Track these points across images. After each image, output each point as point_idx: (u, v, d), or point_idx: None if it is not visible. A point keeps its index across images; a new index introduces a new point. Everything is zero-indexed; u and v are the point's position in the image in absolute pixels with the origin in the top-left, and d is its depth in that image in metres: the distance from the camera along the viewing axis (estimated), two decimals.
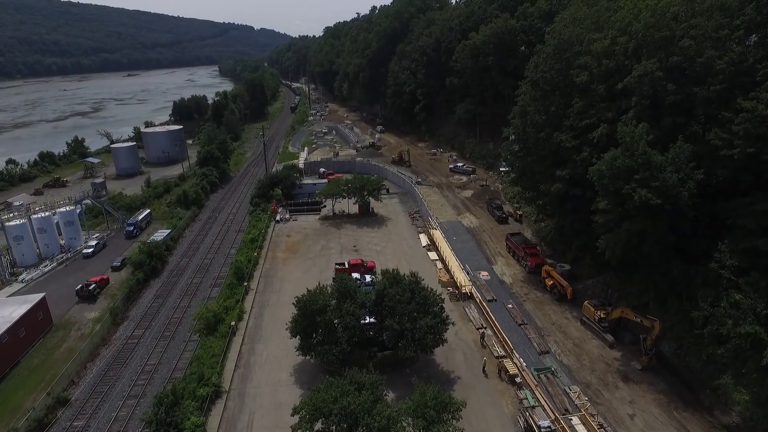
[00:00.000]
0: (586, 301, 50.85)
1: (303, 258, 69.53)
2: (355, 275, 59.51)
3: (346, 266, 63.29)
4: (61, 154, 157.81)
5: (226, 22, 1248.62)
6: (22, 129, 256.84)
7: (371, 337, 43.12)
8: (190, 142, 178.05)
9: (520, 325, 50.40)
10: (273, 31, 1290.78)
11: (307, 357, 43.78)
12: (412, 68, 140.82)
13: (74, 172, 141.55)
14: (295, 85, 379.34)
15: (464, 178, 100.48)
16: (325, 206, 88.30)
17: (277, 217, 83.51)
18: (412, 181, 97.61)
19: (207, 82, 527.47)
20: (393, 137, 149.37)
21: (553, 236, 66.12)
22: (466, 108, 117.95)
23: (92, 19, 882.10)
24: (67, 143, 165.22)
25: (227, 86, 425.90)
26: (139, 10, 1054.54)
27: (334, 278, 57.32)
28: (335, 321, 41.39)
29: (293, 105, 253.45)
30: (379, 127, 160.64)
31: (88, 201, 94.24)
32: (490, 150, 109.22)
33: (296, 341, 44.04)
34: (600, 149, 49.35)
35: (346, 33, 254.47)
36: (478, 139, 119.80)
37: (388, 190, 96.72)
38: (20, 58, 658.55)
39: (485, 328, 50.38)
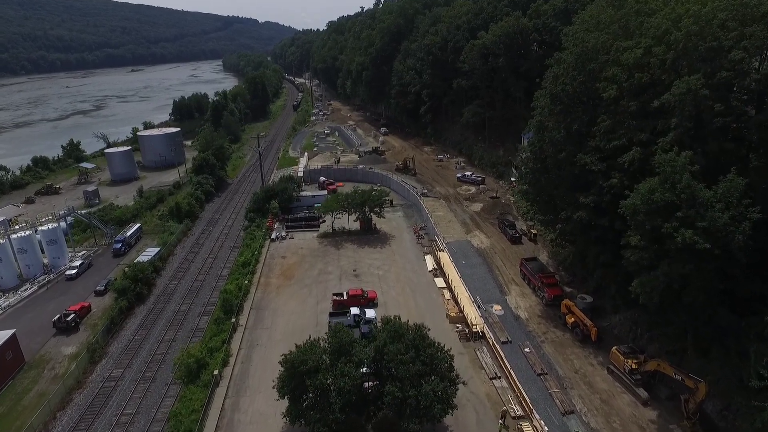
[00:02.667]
0: (614, 348, 44.85)
1: (298, 285, 63.93)
2: (354, 310, 53.97)
3: (345, 297, 57.68)
4: (56, 158, 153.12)
5: (231, 15, 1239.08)
6: (23, 129, 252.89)
7: (369, 395, 37.49)
8: (188, 143, 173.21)
9: (539, 375, 44.54)
10: (278, 24, 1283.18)
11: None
12: (417, 68, 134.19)
13: (68, 177, 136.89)
14: (299, 80, 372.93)
15: (473, 189, 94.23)
16: (324, 221, 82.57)
17: (273, 235, 77.87)
18: (417, 192, 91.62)
19: (210, 78, 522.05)
20: (397, 140, 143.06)
21: (572, 261, 60.03)
22: (474, 111, 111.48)
23: (96, 13, 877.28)
24: (62, 146, 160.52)
25: (231, 82, 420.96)
26: (142, 4, 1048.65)
27: (328, 325, 52.03)
28: (328, 382, 35.77)
29: (295, 103, 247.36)
30: (382, 129, 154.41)
31: (76, 214, 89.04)
32: (500, 157, 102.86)
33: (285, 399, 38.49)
34: (631, 176, 43.19)
35: (349, 28, 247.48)
36: (487, 144, 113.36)
37: (391, 202, 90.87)
38: (24, 54, 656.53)
39: (499, 377, 44.61)
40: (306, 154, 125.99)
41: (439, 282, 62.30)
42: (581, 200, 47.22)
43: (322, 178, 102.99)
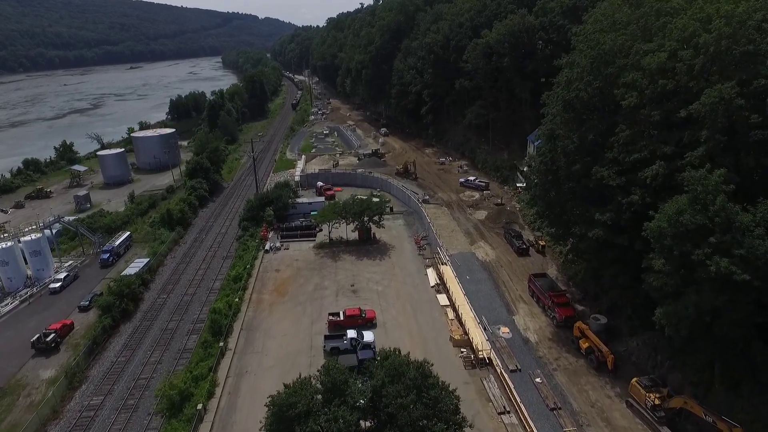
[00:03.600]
0: (634, 380, 41.03)
1: (292, 302, 60.18)
2: (351, 333, 50.24)
3: (341, 318, 53.92)
4: (48, 160, 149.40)
5: (230, 11, 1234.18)
6: (18, 128, 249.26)
7: None
8: (185, 143, 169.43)
9: (552, 409, 40.76)
10: (278, 20, 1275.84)
11: None
12: (418, 67, 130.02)
13: (61, 180, 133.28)
14: (298, 78, 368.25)
15: (476, 195, 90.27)
16: (321, 230, 78.74)
17: (267, 246, 74.06)
18: (418, 199, 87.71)
19: (209, 75, 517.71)
20: (398, 141, 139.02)
21: (584, 277, 56.18)
22: (477, 112, 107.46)
23: (95, 10, 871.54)
24: (55, 148, 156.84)
25: (230, 79, 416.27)
26: (142, 1, 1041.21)
27: (323, 349, 48.33)
28: (320, 426, 32.03)
29: (294, 102, 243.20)
30: (383, 130, 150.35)
31: (63, 222, 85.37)
32: (505, 160, 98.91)
33: None
34: (655, 192, 39.30)
35: (349, 25, 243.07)
36: (490, 146, 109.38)
37: (391, 209, 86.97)
38: (22, 52, 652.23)
39: (509, 412, 40.85)
40: (303, 156, 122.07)
41: (442, 299, 58.50)
42: (597, 217, 43.30)
43: (319, 183, 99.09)
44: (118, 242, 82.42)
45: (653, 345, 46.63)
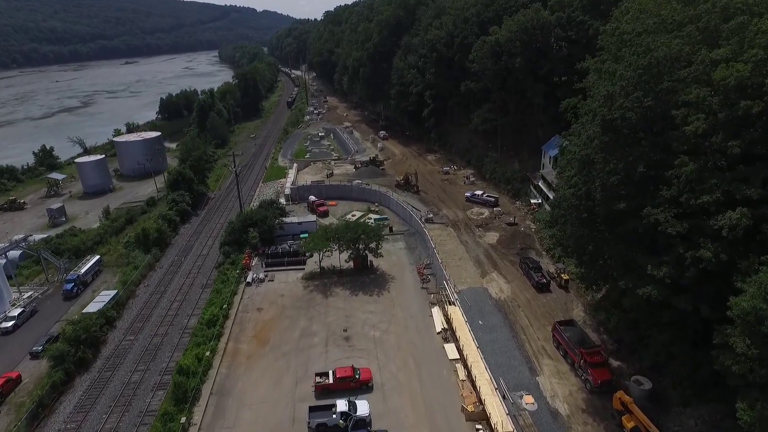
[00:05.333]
0: None
1: (274, 354, 51.10)
2: (341, 404, 41.21)
3: (330, 380, 44.89)
4: (26, 166, 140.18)
5: (228, 4, 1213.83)
6: (3, 128, 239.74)
7: None
8: (174, 146, 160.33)
9: None
10: (276, 13, 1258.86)
11: None
12: (419, 66, 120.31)
13: (38, 189, 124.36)
14: (295, 73, 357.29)
15: (486, 212, 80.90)
16: (311, 255, 69.46)
17: (249, 278, 64.91)
18: (420, 217, 78.42)
19: (205, 70, 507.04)
20: (398, 146, 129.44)
21: (618, 324, 47.03)
22: (484, 117, 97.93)
23: (90, 4, 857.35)
24: (34, 153, 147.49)
25: (226, 74, 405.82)
26: None
27: (307, 426, 39.36)
28: None
29: (290, 99, 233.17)
30: (381, 133, 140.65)
31: (21, 246, 76.39)
32: (516, 171, 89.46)
33: None
34: (733, 247, 30.13)
35: (346, 19, 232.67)
36: (499, 153, 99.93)
37: (391, 229, 77.83)
38: (16, 47, 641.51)
39: None
40: (295, 165, 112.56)
41: (451, 350, 49.45)
42: (651, 271, 34.06)
43: (311, 198, 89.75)
44: (84, 269, 73.38)
45: (714, 422, 37.66)
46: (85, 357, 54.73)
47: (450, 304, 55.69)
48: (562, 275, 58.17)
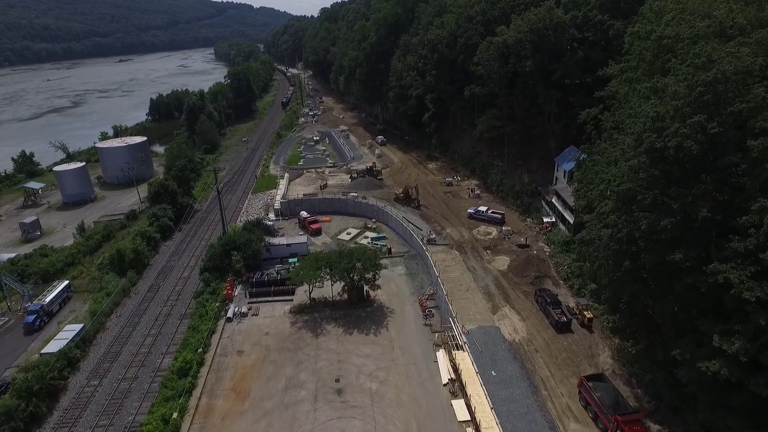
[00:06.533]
0: None
1: (254, 411, 43.88)
2: None
3: None
4: (4, 174, 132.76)
5: (225, 1, 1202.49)
6: None
7: None
8: (162, 150, 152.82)
9: None
10: (273, 9, 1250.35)
11: None
12: (419, 67, 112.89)
13: (15, 199, 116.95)
14: (292, 71, 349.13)
15: (493, 231, 73.60)
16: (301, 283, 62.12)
17: (229, 313, 57.59)
18: (422, 238, 71.18)
19: (200, 68, 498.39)
20: (396, 153, 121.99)
21: (657, 382, 39.88)
22: (490, 124, 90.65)
23: (84, 1, 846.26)
24: (13, 159, 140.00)
25: (221, 72, 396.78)
26: None
27: None
28: None
29: (284, 100, 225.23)
30: (379, 138, 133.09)
31: None
32: (525, 184, 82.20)
33: None
34: None
35: (343, 16, 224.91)
36: (506, 162, 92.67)
37: (390, 251, 70.65)
38: (8, 45, 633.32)
39: None
40: (287, 175, 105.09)
41: (460, 408, 42.26)
42: (719, 343, 26.92)
43: (303, 214, 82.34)
44: (50, 297, 66.15)
45: None
46: (39, 411, 47.53)
47: (457, 348, 48.54)
48: (585, 312, 51.00)
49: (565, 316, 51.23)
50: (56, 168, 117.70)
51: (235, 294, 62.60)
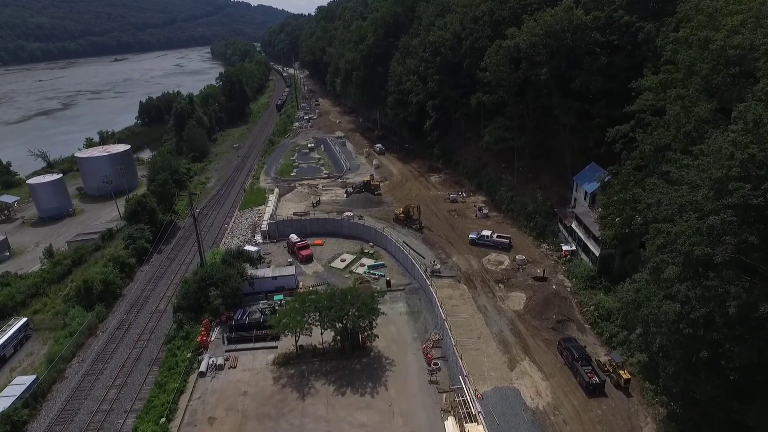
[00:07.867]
0: None
1: None
2: None
3: None
4: None
5: None
6: None
7: None
8: (148, 158, 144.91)
9: None
10: (271, 7, 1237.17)
11: None
12: (420, 71, 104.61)
13: None
14: (288, 71, 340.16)
15: (505, 260, 65.41)
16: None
17: (202, 366, 49.47)
18: (425, 268, 63.06)
19: (196, 67, 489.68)
20: (396, 163, 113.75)
21: None
22: (499, 135, 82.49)
23: None
24: None
25: (217, 71, 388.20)
26: None
27: None
28: None
29: (279, 102, 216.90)
30: (378, 146, 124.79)
31: None
32: (539, 204, 73.99)
33: None
34: None
35: (340, 15, 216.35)
36: (515, 178, 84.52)
37: (389, 283, 62.63)
38: (1, 44, 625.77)
39: None
40: (276, 190, 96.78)
41: None
42: None
43: (293, 237, 74.19)
44: (2, 339, 58.31)
45: None
46: None
47: (470, 419, 40.47)
48: (622, 372, 42.92)
49: (598, 377, 43.19)
50: (30, 180, 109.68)
51: (212, 339, 54.53)
